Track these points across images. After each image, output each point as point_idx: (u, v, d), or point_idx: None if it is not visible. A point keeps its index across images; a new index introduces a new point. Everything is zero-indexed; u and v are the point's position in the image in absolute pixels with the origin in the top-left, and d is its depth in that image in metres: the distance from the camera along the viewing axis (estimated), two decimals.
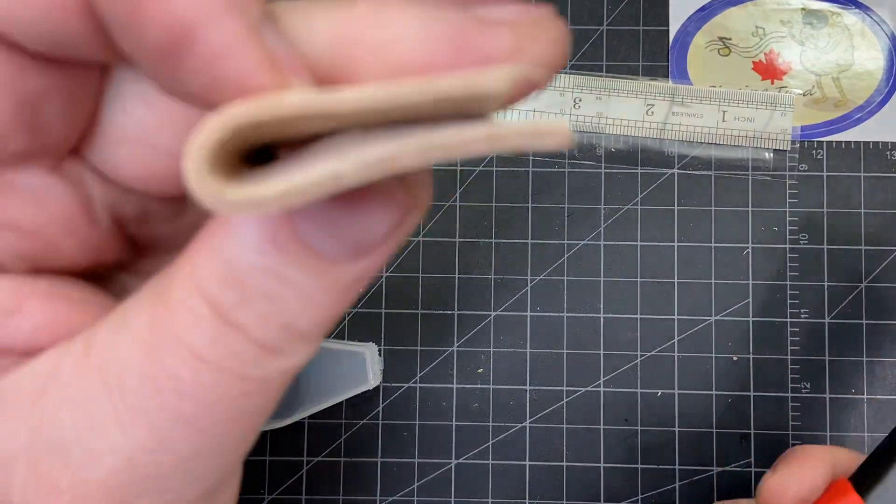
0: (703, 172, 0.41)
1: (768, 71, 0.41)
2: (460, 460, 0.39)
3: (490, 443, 0.39)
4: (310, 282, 0.13)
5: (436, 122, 0.11)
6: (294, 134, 0.12)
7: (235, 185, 0.11)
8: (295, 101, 0.11)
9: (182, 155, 0.11)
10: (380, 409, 0.39)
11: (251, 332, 0.13)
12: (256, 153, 0.13)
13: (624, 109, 0.41)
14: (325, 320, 0.13)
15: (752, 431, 0.39)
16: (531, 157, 0.41)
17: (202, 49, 0.11)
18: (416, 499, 0.39)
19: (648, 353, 0.40)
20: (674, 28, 0.42)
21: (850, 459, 0.28)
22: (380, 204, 0.13)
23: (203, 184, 0.11)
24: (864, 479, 0.25)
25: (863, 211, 0.40)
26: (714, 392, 0.39)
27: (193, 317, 0.13)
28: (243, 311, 0.13)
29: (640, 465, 0.39)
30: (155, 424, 0.13)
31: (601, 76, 0.41)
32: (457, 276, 0.40)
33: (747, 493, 0.39)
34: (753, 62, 0.42)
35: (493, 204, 0.41)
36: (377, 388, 0.39)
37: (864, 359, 0.39)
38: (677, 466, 0.39)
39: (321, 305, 0.13)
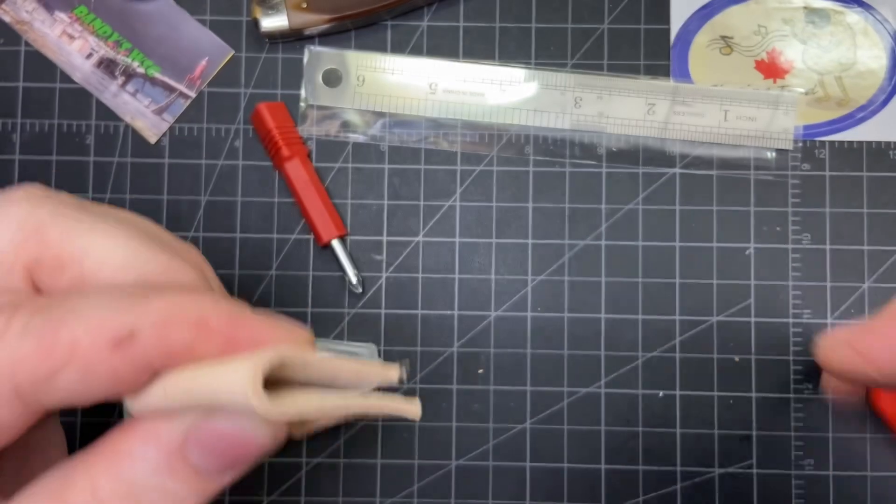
0: (705, 172, 0.40)
1: (770, 70, 0.41)
2: (460, 462, 0.39)
3: (490, 444, 0.39)
4: (187, 492, 0.18)
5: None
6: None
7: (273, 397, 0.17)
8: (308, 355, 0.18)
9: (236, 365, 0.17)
10: None
11: None
12: None
13: (625, 108, 0.40)
14: None
15: (755, 433, 0.39)
16: (531, 157, 0.41)
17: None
18: (415, 500, 0.39)
19: (650, 354, 0.39)
20: (675, 26, 0.41)
21: None
22: (252, 439, 0.18)
23: (257, 388, 0.16)
24: None
25: (865, 211, 0.40)
26: (716, 393, 0.39)
27: None
28: None
29: (641, 467, 0.39)
30: None
31: (602, 75, 0.41)
32: (457, 276, 0.40)
33: (749, 496, 0.38)
34: (755, 61, 0.41)
35: (493, 204, 0.40)
36: (377, 389, 0.39)
37: None
38: (679, 468, 0.39)
39: None
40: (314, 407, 0.17)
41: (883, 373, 0.20)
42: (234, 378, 0.16)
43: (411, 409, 0.18)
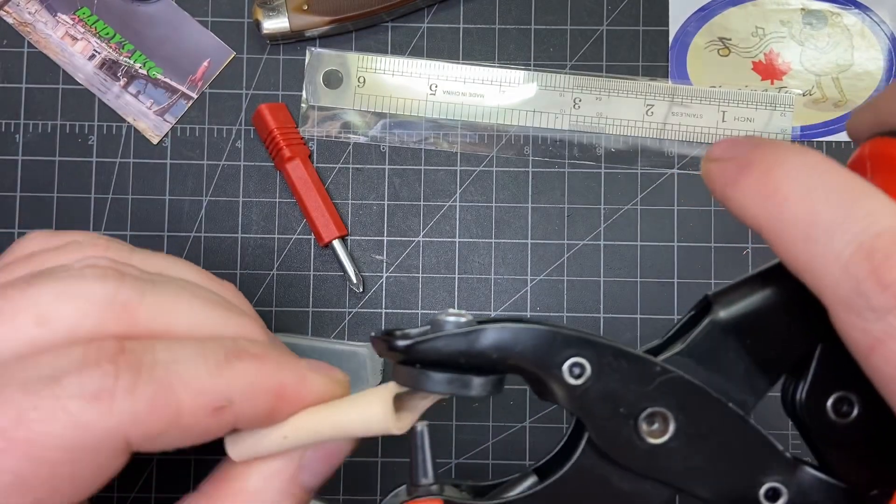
0: None
1: (768, 71, 0.42)
2: (460, 460, 0.39)
3: (490, 442, 0.39)
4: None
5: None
6: None
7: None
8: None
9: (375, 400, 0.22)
10: None
11: None
12: None
13: (624, 109, 0.41)
14: None
15: None
16: (531, 158, 0.41)
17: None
18: None
19: None
20: (673, 28, 0.42)
21: None
22: (343, 448, 0.24)
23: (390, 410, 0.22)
24: None
25: None
26: None
27: None
28: None
29: None
30: None
31: (601, 76, 0.41)
32: (457, 276, 0.40)
33: None
34: (753, 62, 0.42)
35: (493, 204, 0.41)
36: None
37: None
38: None
39: None
40: (418, 414, 0.23)
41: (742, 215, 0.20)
42: (371, 415, 0.22)
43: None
